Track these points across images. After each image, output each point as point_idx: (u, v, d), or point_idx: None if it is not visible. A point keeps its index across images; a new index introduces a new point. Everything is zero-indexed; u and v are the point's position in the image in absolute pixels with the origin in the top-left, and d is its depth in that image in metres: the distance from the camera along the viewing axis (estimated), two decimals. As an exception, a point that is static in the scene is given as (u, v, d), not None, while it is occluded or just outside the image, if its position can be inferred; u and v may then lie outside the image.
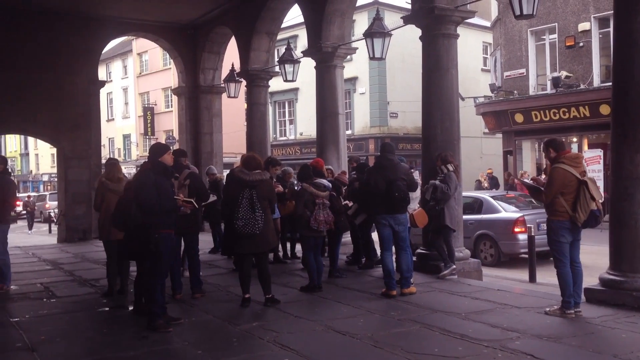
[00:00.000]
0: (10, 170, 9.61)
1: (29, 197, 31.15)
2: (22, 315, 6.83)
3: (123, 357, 5.20)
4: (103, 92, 17.07)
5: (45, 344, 5.57)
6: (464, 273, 8.73)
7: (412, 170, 8.47)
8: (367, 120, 28.86)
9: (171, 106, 38.49)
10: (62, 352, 5.32)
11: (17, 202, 20.34)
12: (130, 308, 7.14)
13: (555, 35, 20.96)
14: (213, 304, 7.26)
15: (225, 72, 16.05)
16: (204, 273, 8.01)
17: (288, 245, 11.00)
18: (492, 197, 13.40)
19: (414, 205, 8.60)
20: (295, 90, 30.46)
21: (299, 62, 13.09)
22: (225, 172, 12.39)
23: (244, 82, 15.03)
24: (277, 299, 7.05)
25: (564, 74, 20.07)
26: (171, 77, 35.09)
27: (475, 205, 12.95)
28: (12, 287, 8.39)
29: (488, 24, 28.25)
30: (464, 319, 6.16)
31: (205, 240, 11.21)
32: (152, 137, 40.26)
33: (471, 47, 29.08)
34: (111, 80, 44.14)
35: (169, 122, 38.71)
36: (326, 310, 6.82)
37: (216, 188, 11.26)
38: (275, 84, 16.28)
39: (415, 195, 8.76)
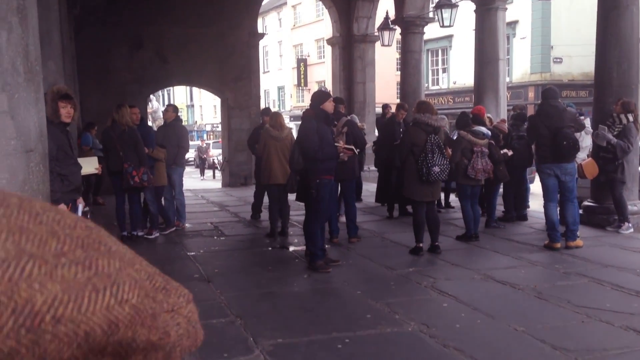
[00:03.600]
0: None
1: (202, 142, 33.37)
2: (197, 250, 7.48)
3: (288, 292, 5.52)
4: (260, 45, 17.70)
5: (218, 276, 6.07)
6: (639, 228, 8.06)
7: (582, 117, 7.89)
8: (527, 66, 27.13)
9: (323, 57, 39.05)
10: (233, 284, 5.77)
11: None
12: (291, 249, 7.54)
13: None
14: (369, 249, 7.40)
15: (379, 20, 15.86)
16: (357, 219, 8.17)
17: (442, 194, 10.85)
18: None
19: (583, 155, 8.03)
20: (449, 37, 29.36)
21: (457, 6, 12.57)
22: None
23: (398, 30, 14.76)
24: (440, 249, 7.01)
25: None
26: (323, 28, 35.46)
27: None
28: (187, 225, 9.19)
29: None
30: (639, 276, 5.71)
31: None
32: (305, 88, 41.32)
33: (651, -18, 25.91)
34: (267, 33, 45.60)
35: (321, 73, 39.38)
36: (484, 260, 6.68)
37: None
38: (428, 31, 15.77)
39: (585, 144, 8.17)
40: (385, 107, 12.29)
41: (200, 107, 61.49)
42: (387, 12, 15.07)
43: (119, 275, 0.30)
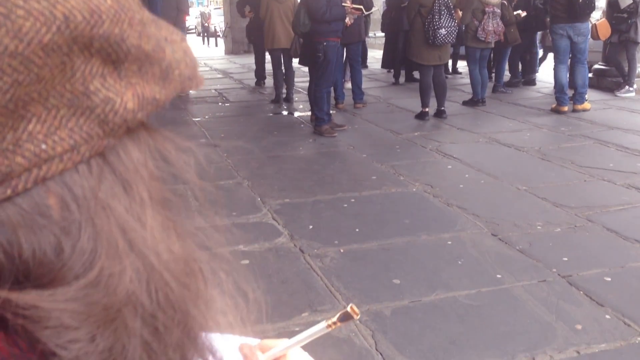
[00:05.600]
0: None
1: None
2: (202, 116, 7.48)
3: (293, 156, 5.58)
4: None
5: (224, 141, 6.11)
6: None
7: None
8: None
9: None
10: (239, 148, 5.81)
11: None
12: (296, 114, 7.52)
13: None
14: (375, 114, 7.38)
15: None
16: (363, 85, 8.07)
17: (450, 60, 10.61)
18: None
19: (597, 16, 7.74)
20: None
21: None
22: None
23: None
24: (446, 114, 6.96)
25: None
26: None
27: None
28: (190, 91, 9.11)
29: None
30: (644, 138, 5.73)
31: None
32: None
33: None
34: None
35: None
36: (489, 124, 6.67)
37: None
38: None
39: (599, 4, 7.84)
40: None
41: (198, -28, 58.70)
42: None
43: None
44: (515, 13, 8.11)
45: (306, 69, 6.68)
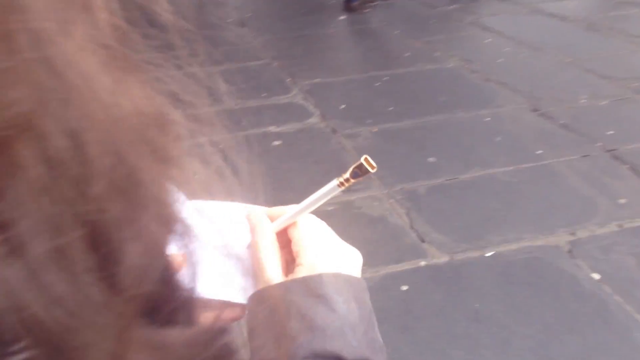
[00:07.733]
0: None
1: None
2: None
3: (321, 34, 5.36)
4: None
5: (252, 20, 5.88)
6: None
7: None
8: None
9: None
10: (268, 28, 5.60)
11: None
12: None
13: None
14: (408, -12, 6.97)
15: None
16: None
17: None
18: None
19: None
20: None
21: None
22: None
23: None
24: None
25: None
26: None
27: None
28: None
29: None
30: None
31: None
32: None
33: None
34: None
35: None
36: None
37: None
38: None
39: None
40: None
41: None
42: None
43: None
44: None
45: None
